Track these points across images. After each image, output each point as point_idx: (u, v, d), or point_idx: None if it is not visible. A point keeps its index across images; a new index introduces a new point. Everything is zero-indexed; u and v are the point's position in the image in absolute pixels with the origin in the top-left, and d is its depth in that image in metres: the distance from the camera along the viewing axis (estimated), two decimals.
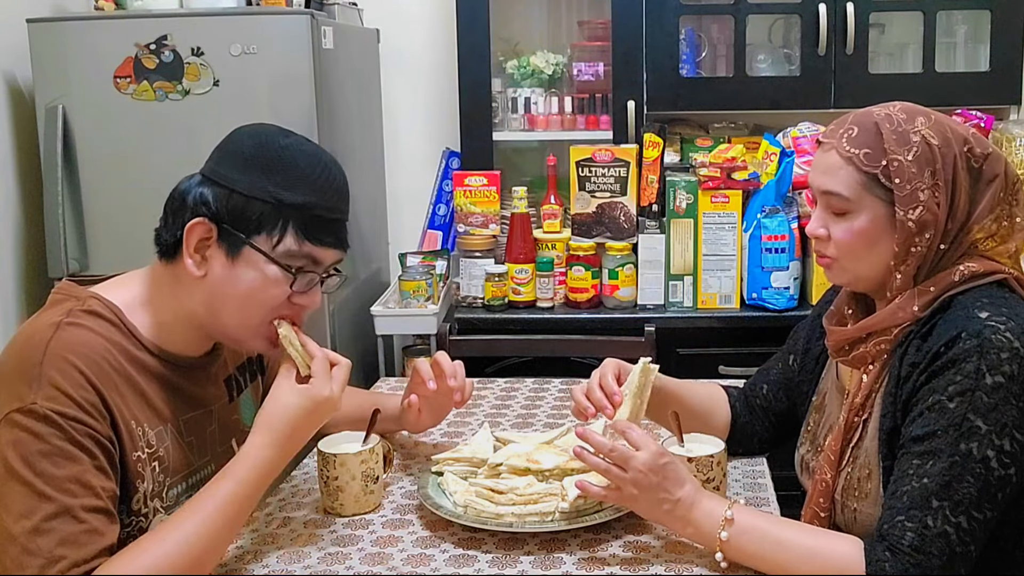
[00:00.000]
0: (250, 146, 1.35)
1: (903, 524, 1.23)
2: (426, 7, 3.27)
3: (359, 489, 1.50)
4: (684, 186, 2.80)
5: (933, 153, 1.33)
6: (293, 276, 1.35)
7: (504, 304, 2.87)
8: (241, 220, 1.32)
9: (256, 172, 1.33)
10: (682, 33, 2.96)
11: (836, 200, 1.37)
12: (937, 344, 1.29)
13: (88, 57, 2.54)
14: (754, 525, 1.31)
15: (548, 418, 1.92)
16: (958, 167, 1.34)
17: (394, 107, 3.31)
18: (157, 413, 1.35)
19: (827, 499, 1.41)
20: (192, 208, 1.33)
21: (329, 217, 1.37)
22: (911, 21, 2.96)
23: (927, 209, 1.32)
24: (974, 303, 1.30)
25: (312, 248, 1.35)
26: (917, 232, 1.33)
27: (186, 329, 1.39)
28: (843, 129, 1.38)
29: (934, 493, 1.23)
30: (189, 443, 1.42)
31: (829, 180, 1.38)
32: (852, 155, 1.35)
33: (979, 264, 1.35)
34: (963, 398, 1.24)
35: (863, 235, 1.36)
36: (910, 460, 1.27)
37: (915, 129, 1.35)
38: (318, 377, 1.36)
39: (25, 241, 2.69)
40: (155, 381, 1.36)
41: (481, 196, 2.93)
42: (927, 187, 1.32)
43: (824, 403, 1.55)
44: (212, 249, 1.33)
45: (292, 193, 1.33)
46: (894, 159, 1.33)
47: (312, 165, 1.36)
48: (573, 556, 1.37)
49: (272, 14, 2.63)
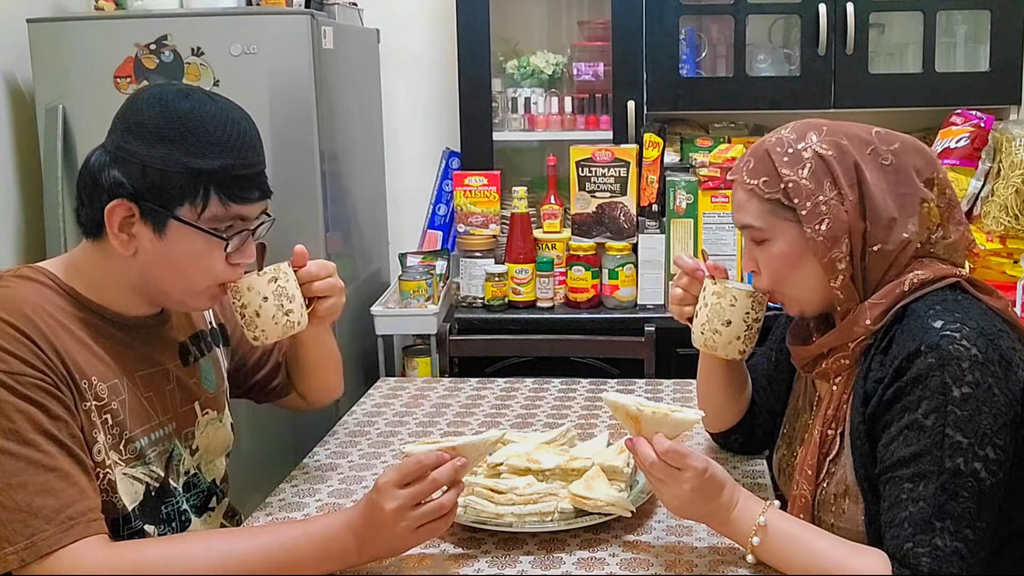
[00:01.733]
0: (152, 116, 1.32)
1: (915, 551, 1.23)
2: (426, 7, 3.27)
3: (274, 310, 1.45)
4: (684, 186, 2.80)
5: (828, 164, 1.36)
6: (226, 240, 1.35)
7: (504, 304, 2.87)
8: (161, 195, 1.31)
9: (166, 143, 1.30)
10: (682, 33, 2.96)
11: (753, 232, 1.41)
12: (898, 358, 1.29)
13: (88, 57, 2.54)
14: (787, 533, 1.31)
15: (548, 418, 1.92)
16: (862, 170, 1.35)
17: (394, 107, 3.31)
18: (107, 366, 1.35)
19: (807, 514, 1.41)
20: (108, 189, 1.31)
21: (248, 173, 1.36)
22: (911, 21, 2.96)
23: (834, 219, 1.34)
24: (927, 311, 1.30)
25: (238, 208, 1.35)
26: (831, 244, 1.35)
27: (124, 294, 1.39)
28: (743, 163, 1.43)
29: (934, 515, 1.23)
30: (148, 399, 1.41)
31: (741, 215, 1.42)
32: (753, 187, 1.39)
33: (928, 271, 1.35)
34: (937, 414, 1.24)
35: (784, 258, 1.39)
36: (900, 485, 1.26)
37: (805, 146, 1.37)
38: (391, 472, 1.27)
39: (25, 241, 2.69)
40: (101, 336, 1.36)
41: (481, 196, 2.93)
42: (829, 198, 1.34)
43: (798, 408, 1.56)
44: (137, 226, 1.33)
45: (207, 159, 1.31)
46: (789, 180, 1.36)
47: (220, 125, 1.33)
48: (573, 556, 1.37)
49: (272, 14, 2.63)
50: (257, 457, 2.02)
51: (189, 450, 1.50)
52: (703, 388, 1.68)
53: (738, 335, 1.49)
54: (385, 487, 1.25)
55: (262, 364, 1.73)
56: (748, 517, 1.32)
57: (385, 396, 2.10)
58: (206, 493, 1.52)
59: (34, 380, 1.23)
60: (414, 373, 2.89)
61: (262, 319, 1.45)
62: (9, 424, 1.20)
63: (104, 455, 1.31)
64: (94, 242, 1.37)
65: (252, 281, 1.43)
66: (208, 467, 1.54)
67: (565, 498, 1.44)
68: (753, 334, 1.51)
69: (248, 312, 1.45)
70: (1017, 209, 2.64)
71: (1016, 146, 2.65)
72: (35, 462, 1.20)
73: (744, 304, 1.48)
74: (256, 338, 1.48)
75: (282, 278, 1.46)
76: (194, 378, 1.52)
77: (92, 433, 1.30)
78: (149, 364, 1.43)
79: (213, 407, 1.55)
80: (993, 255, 2.67)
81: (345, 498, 1.58)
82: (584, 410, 1.97)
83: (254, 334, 1.47)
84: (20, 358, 1.23)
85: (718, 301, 1.49)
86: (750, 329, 1.50)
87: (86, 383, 1.31)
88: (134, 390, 1.39)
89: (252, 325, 1.46)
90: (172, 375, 1.47)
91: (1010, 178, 2.65)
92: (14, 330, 1.24)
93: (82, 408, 1.29)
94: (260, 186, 1.38)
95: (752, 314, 1.49)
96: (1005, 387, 1.25)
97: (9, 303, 1.27)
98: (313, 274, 1.53)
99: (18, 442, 1.20)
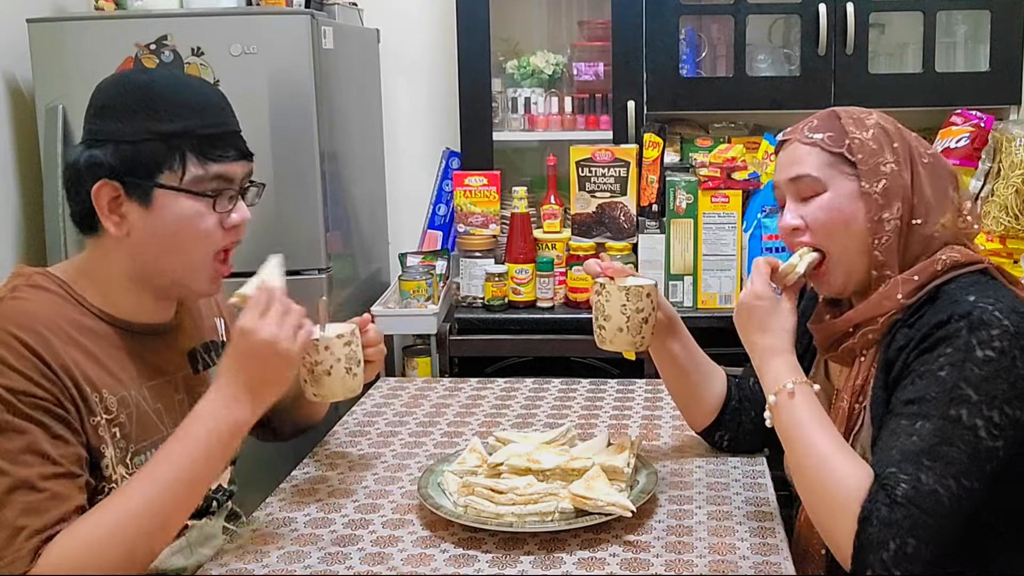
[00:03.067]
0: (114, 95, 1.36)
1: (896, 475, 1.24)
2: (426, 7, 3.28)
3: (343, 372, 1.48)
4: (684, 186, 2.80)
5: (889, 135, 1.43)
6: (212, 199, 1.36)
7: (504, 304, 2.87)
8: (139, 167, 1.33)
9: (131, 116, 1.33)
10: (682, 33, 2.96)
11: (806, 182, 1.44)
12: (927, 326, 1.32)
13: (88, 57, 2.54)
14: (801, 409, 1.36)
15: (548, 418, 1.92)
16: (913, 153, 1.42)
17: (394, 107, 3.31)
18: (117, 379, 1.35)
19: None
20: (89, 174, 1.34)
21: (220, 132, 1.38)
22: (911, 21, 2.96)
23: (891, 180, 1.39)
24: (961, 290, 1.34)
25: (218, 167, 1.37)
26: (885, 203, 1.39)
27: (132, 294, 1.40)
28: (803, 124, 1.49)
29: (924, 452, 1.24)
30: (157, 410, 1.41)
31: (797, 167, 1.45)
32: (816, 140, 1.44)
33: (960, 254, 1.38)
34: (954, 368, 1.26)
35: (838, 211, 1.42)
36: (899, 420, 1.29)
37: (869, 117, 1.45)
38: (246, 311, 1.34)
39: (25, 240, 2.69)
40: (111, 347, 1.36)
41: (481, 196, 2.93)
42: (888, 162, 1.40)
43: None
44: (125, 205, 1.34)
45: (174, 122, 1.33)
46: (855, 138, 1.42)
47: (181, 89, 1.37)
48: (573, 556, 1.37)
49: (272, 14, 2.63)
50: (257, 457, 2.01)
51: None
52: (666, 386, 1.74)
53: (620, 327, 1.55)
54: (250, 323, 1.32)
55: None
56: (781, 376, 1.39)
57: (385, 396, 2.10)
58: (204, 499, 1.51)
59: (36, 399, 1.23)
60: (414, 373, 2.89)
61: (332, 379, 1.48)
62: (6, 442, 1.20)
63: (111, 469, 1.31)
64: (94, 239, 1.38)
65: (331, 343, 1.47)
66: None
67: (565, 498, 1.44)
68: (637, 325, 1.55)
69: (319, 370, 1.47)
70: (1017, 209, 2.64)
71: (1016, 146, 2.65)
72: (25, 482, 1.19)
73: (618, 297, 1.54)
74: (319, 395, 1.50)
75: (355, 342, 1.50)
76: (203, 387, 1.51)
77: (100, 448, 1.30)
78: (158, 374, 1.43)
79: None
80: (993, 255, 2.67)
81: (345, 497, 1.58)
82: (584, 410, 1.97)
83: (319, 392, 1.50)
84: (25, 375, 1.23)
85: (597, 299, 1.57)
86: (631, 320, 1.55)
87: (96, 396, 1.31)
88: (143, 402, 1.39)
89: (320, 384, 1.48)
90: (181, 385, 1.48)
91: (1010, 178, 2.65)
92: (23, 346, 1.24)
93: (90, 423, 1.29)
94: (236, 145, 1.40)
95: (630, 305, 1.54)
96: None
97: (22, 317, 1.27)
98: (371, 341, 1.58)
99: (11, 461, 1.19)
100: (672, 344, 1.66)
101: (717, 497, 1.55)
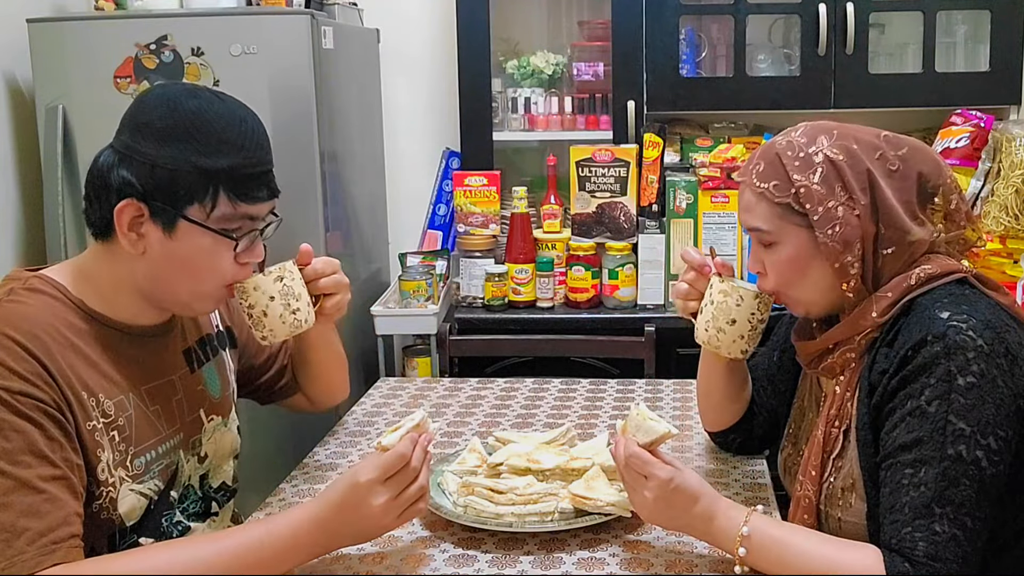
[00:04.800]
0: (160, 116, 1.32)
1: (912, 536, 1.23)
2: (426, 7, 3.28)
3: (281, 309, 1.45)
4: (684, 186, 2.80)
5: (839, 169, 1.35)
6: (235, 240, 1.35)
7: (504, 304, 2.86)
8: (170, 194, 1.31)
9: (174, 143, 1.30)
10: (682, 33, 2.96)
11: (761, 235, 1.41)
12: (904, 348, 1.29)
13: (88, 57, 2.54)
14: (772, 538, 1.29)
15: (548, 418, 1.92)
16: (873, 175, 1.35)
17: (394, 107, 3.31)
18: (114, 383, 1.35)
19: (811, 514, 1.40)
20: (117, 190, 1.31)
21: (257, 172, 1.36)
22: (911, 21, 2.96)
23: (845, 224, 1.34)
24: (934, 304, 1.31)
25: (247, 207, 1.35)
26: (843, 249, 1.34)
27: (132, 300, 1.39)
28: (752, 165, 1.42)
29: (934, 500, 1.23)
30: (155, 412, 1.41)
31: (750, 217, 1.42)
32: (763, 190, 1.39)
33: (935, 265, 1.35)
34: (941, 401, 1.25)
35: (792, 263, 1.39)
36: (901, 470, 1.26)
37: (816, 150, 1.37)
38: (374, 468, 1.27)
39: (25, 241, 2.69)
40: (108, 351, 1.35)
41: (481, 196, 2.93)
42: (841, 203, 1.34)
43: (804, 407, 1.56)
44: (147, 226, 1.33)
45: (215, 158, 1.31)
46: (801, 185, 1.35)
47: (228, 124, 1.33)
48: (573, 556, 1.37)
49: (272, 14, 2.63)
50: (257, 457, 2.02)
51: (197, 457, 1.49)
52: (703, 386, 1.68)
53: (742, 334, 1.50)
54: (369, 485, 1.26)
55: (268, 366, 1.73)
56: (731, 528, 1.30)
57: (385, 396, 2.10)
58: (203, 500, 1.51)
59: (34, 400, 1.22)
60: (414, 373, 2.89)
61: (269, 318, 1.45)
62: (4, 443, 1.19)
63: (108, 473, 1.31)
64: (103, 244, 1.37)
65: (258, 281, 1.43)
66: (216, 472, 1.54)
67: (565, 498, 1.44)
68: (756, 334, 1.51)
69: (255, 312, 1.44)
70: (1017, 209, 2.64)
71: (1016, 146, 2.65)
72: (24, 483, 1.19)
73: (750, 304, 1.48)
74: (264, 338, 1.47)
75: (288, 277, 1.46)
76: (200, 385, 1.52)
77: (97, 452, 1.29)
78: (156, 376, 1.43)
79: (219, 412, 1.55)
80: (993, 255, 2.67)
81: None
82: (584, 410, 1.97)
83: (262, 334, 1.47)
84: (23, 377, 1.22)
85: (724, 299, 1.49)
86: (754, 329, 1.50)
87: (93, 401, 1.30)
88: (140, 405, 1.38)
89: (260, 325, 1.46)
90: (179, 385, 1.47)
91: (1010, 178, 2.65)
92: (21, 349, 1.24)
93: (87, 428, 1.28)
94: (268, 185, 1.38)
95: (757, 315, 1.49)
96: (1010, 380, 1.25)
97: (20, 321, 1.27)
98: (319, 271, 1.54)
99: (10, 462, 1.19)
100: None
101: None
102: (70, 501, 1.22)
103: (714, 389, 1.66)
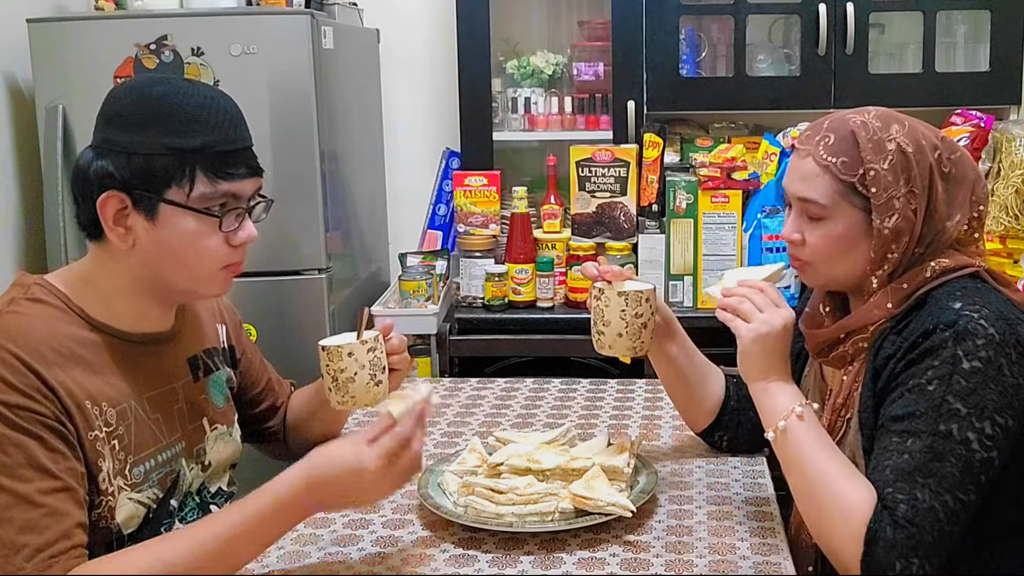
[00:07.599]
0: (129, 104, 1.33)
1: (894, 496, 1.24)
2: (426, 7, 3.28)
3: (368, 379, 1.44)
4: (684, 186, 2.80)
5: (908, 161, 1.35)
6: (218, 218, 1.35)
7: (504, 304, 2.86)
8: (148, 180, 1.31)
9: (146, 128, 1.31)
10: (682, 33, 2.96)
11: (813, 207, 1.39)
12: (913, 335, 1.31)
13: (88, 57, 2.54)
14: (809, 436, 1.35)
15: (548, 418, 1.92)
16: (933, 174, 1.36)
17: (394, 107, 3.31)
18: (117, 391, 1.34)
19: None
20: (97, 183, 1.32)
21: (232, 149, 1.35)
22: (911, 21, 2.96)
23: (902, 216, 1.35)
24: (948, 296, 1.32)
25: (227, 185, 1.35)
26: (893, 239, 1.35)
27: (136, 302, 1.39)
28: (819, 136, 1.40)
29: (917, 470, 1.24)
30: (156, 420, 1.40)
31: (806, 187, 1.40)
32: (829, 163, 1.37)
33: (951, 259, 1.37)
34: (941, 381, 1.26)
35: (839, 241, 1.39)
36: (890, 438, 1.29)
37: (890, 137, 1.37)
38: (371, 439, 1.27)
39: (25, 241, 2.69)
40: (111, 359, 1.35)
41: (481, 196, 2.93)
42: (902, 195, 1.35)
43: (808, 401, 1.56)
44: (131, 217, 1.33)
45: (188, 138, 1.31)
46: (871, 168, 1.35)
47: (198, 105, 1.34)
48: (573, 556, 1.37)
49: (272, 14, 2.63)
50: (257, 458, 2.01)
51: (201, 466, 1.48)
52: (665, 388, 1.73)
53: (619, 332, 1.53)
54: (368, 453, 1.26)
55: (258, 401, 1.72)
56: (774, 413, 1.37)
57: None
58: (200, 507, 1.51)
59: (33, 414, 1.22)
60: (414, 373, 2.89)
61: (356, 386, 1.44)
62: (3, 457, 1.19)
63: (108, 482, 1.30)
64: (98, 245, 1.37)
65: (354, 348, 1.42)
66: (214, 478, 1.54)
67: (565, 498, 1.44)
68: (636, 330, 1.53)
69: (342, 377, 1.43)
70: (1017, 209, 2.64)
71: (1016, 146, 2.65)
72: (23, 498, 1.18)
73: (617, 302, 1.52)
74: (343, 403, 1.45)
75: (379, 348, 1.46)
76: (203, 394, 1.51)
77: (98, 462, 1.29)
78: (158, 383, 1.42)
79: (222, 421, 1.54)
80: (993, 255, 2.67)
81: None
82: (584, 410, 1.97)
83: (342, 399, 1.45)
84: (22, 391, 1.22)
85: (596, 304, 1.55)
86: (630, 326, 1.53)
87: (96, 410, 1.30)
88: (142, 413, 1.38)
89: (343, 390, 1.44)
90: (181, 394, 1.46)
91: (1010, 178, 2.65)
92: (20, 362, 1.23)
93: (88, 437, 1.28)
94: (247, 162, 1.38)
95: (629, 311, 1.52)
96: (1018, 370, 1.26)
97: (19, 333, 1.26)
98: (395, 348, 1.53)
99: (9, 477, 1.19)
100: (670, 347, 1.65)
101: (717, 497, 1.55)
102: (73, 512, 1.21)
103: (672, 390, 1.71)
